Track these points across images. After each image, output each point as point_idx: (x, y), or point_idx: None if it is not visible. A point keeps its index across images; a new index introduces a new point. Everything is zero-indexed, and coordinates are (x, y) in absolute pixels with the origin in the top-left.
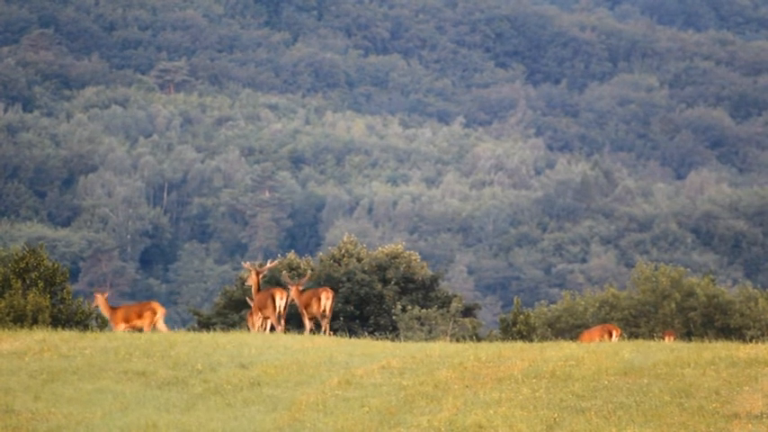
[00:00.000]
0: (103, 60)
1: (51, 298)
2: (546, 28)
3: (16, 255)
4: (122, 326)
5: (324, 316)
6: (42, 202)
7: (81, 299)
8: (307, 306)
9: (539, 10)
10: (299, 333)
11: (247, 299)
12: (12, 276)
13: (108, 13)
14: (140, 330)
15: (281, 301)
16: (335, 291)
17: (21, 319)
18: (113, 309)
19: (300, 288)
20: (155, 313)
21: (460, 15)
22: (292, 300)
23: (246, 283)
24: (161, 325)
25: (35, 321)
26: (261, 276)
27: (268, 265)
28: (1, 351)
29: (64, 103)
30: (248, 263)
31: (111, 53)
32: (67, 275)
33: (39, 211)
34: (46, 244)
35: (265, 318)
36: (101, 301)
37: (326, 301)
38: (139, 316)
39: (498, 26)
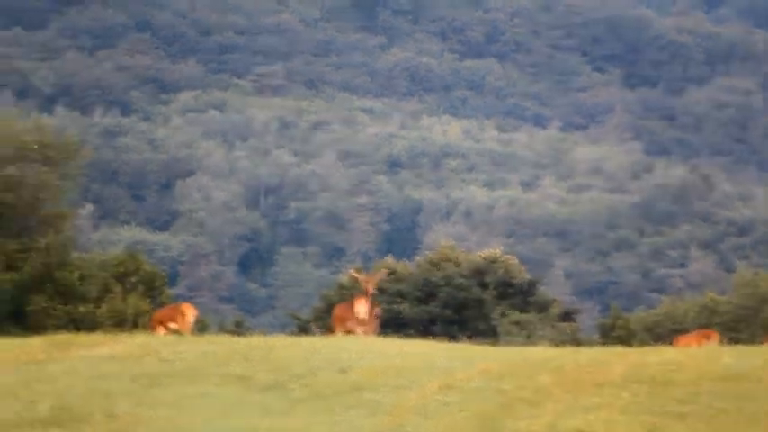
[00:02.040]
0: (200, 65)
1: (151, 302)
2: (643, 32)
3: (116, 259)
4: (160, 329)
5: (361, 324)
6: (141, 206)
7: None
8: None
9: (635, 14)
10: (397, 337)
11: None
12: (112, 281)
13: (204, 18)
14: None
15: (361, 308)
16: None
17: (121, 324)
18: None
19: (371, 284)
20: (185, 315)
21: (556, 19)
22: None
23: (357, 295)
24: (189, 327)
25: (135, 325)
26: (369, 286)
27: (377, 275)
28: (101, 355)
29: (161, 107)
30: (354, 269)
31: (207, 57)
32: (166, 280)
33: (137, 216)
34: (145, 248)
35: (348, 330)
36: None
37: (362, 307)
38: (171, 319)
39: (594, 30)
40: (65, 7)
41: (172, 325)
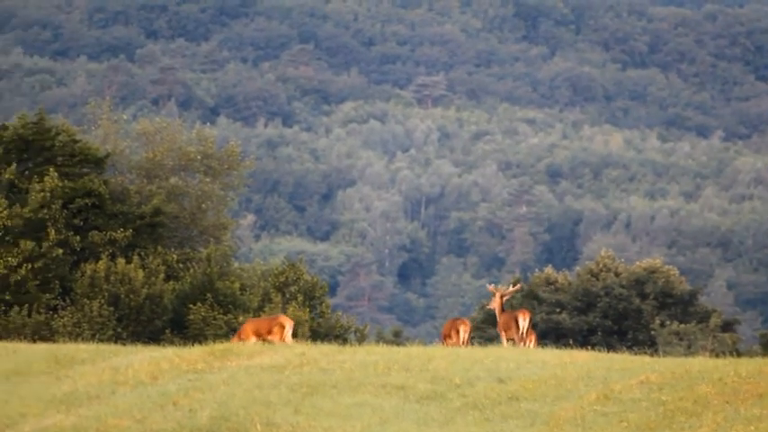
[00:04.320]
0: (362, 75)
1: (311, 312)
2: None
3: (276, 269)
4: (253, 339)
5: (522, 338)
6: (302, 216)
7: (340, 313)
8: (506, 328)
9: None
10: (556, 348)
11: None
12: (272, 290)
13: (367, 29)
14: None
15: (523, 322)
16: (532, 312)
17: (294, 334)
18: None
19: (505, 297)
20: (283, 328)
21: (720, 28)
22: (492, 309)
23: (489, 306)
24: (289, 338)
25: (295, 335)
26: (503, 300)
27: (511, 289)
28: (262, 364)
29: (323, 118)
30: (492, 285)
31: (369, 68)
32: (326, 289)
33: (298, 226)
34: (305, 258)
35: (509, 339)
36: None
37: (524, 322)
38: (269, 331)
39: (758, 39)
40: (228, 19)
41: (270, 337)
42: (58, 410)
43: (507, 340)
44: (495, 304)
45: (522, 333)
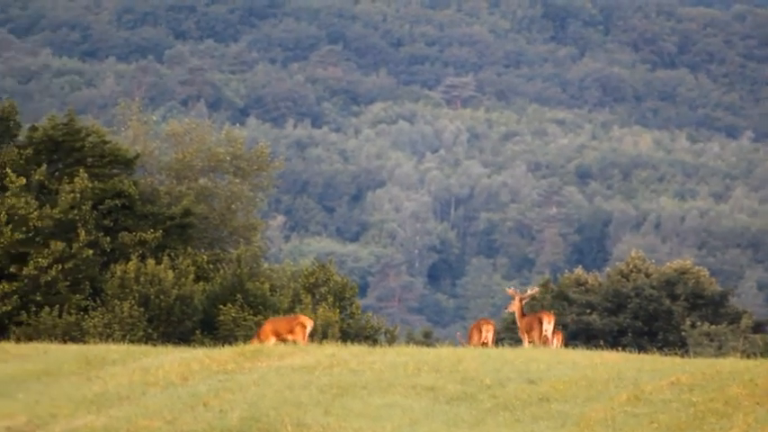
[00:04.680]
0: (391, 76)
1: (341, 313)
2: None
3: (306, 270)
4: (272, 339)
5: (544, 340)
6: (331, 217)
7: (370, 314)
8: (529, 330)
9: None
10: (586, 349)
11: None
12: (302, 291)
13: (396, 30)
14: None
15: (548, 325)
16: (557, 314)
17: (311, 334)
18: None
19: (524, 300)
20: (305, 327)
21: (749, 29)
22: (512, 312)
23: (508, 309)
24: (305, 338)
25: (325, 336)
26: (523, 302)
27: (530, 292)
28: (292, 365)
29: (352, 118)
30: (512, 289)
31: (398, 69)
32: (356, 290)
33: (328, 227)
34: (335, 259)
35: (530, 341)
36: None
37: (548, 325)
38: (290, 331)
39: None
40: (257, 20)
41: (290, 336)
42: (89, 411)
43: (529, 342)
44: (514, 307)
45: (546, 335)
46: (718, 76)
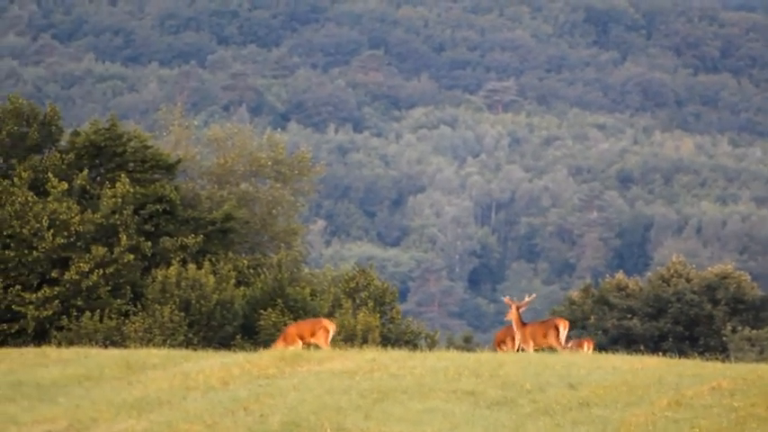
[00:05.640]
0: (432, 81)
1: (381, 317)
2: None
3: (347, 275)
4: (299, 342)
5: (563, 345)
6: (372, 222)
7: (410, 318)
8: (534, 338)
9: None
10: (627, 353)
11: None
12: (342, 296)
13: (437, 34)
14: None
15: (564, 330)
16: (570, 321)
17: (351, 339)
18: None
19: (522, 309)
20: (327, 331)
21: None
22: (509, 321)
23: (506, 318)
24: (326, 342)
25: (365, 341)
26: (520, 311)
27: (527, 299)
28: (332, 370)
29: (393, 123)
30: (508, 298)
31: (439, 74)
32: (397, 295)
33: (369, 231)
34: (375, 264)
35: (536, 348)
36: None
37: (564, 330)
38: (313, 334)
39: None
40: (299, 25)
41: (313, 340)
42: (130, 415)
43: (535, 350)
44: (512, 316)
45: (562, 341)
46: (760, 80)
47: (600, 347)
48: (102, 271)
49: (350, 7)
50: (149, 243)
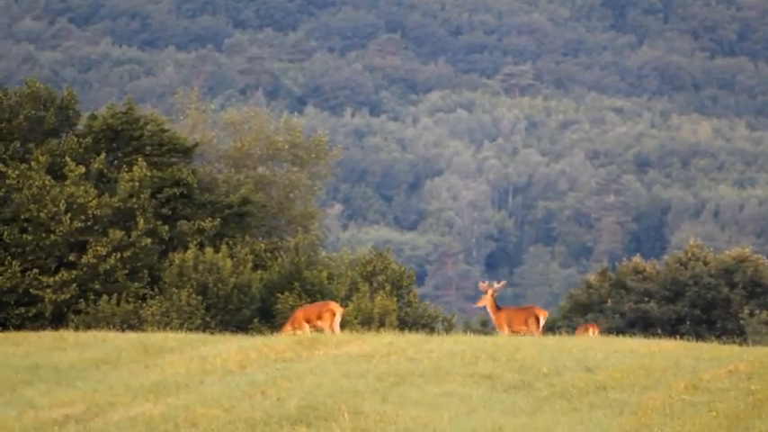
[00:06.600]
0: (449, 65)
1: (398, 301)
2: None
3: (364, 258)
4: (307, 327)
5: (540, 333)
6: (389, 205)
7: (427, 302)
8: (524, 323)
9: None
10: (644, 337)
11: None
12: (359, 280)
13: (454, 18)
14: (321, 330)
15: (543, 320)
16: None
17: (368, 322)
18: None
19: (495, 294)
20: (333, 314)
21: None
22: (484, 306)
23: (479, 304)
24: (337, 327)
25: (382, 324)
26: (494, 296)
27: (497, 285)
28: (350, 353)
29: (410, 107)
30: (485, 283)
31: (456, 57)
32: (414, 279)
33: (386, 215)
34: (392, 247)
35: (514, 332)
36: None
37: (543, 320)
38: (319, 317)
39: None
40: (315, 9)
41: (319, 323)
42: (147, 399)
43: (512, 333)
44: (485, 302)
45: (540, 330)
46: None
47: (617, 331)
48: (119, 254)
49: None
50: (166, 227)
